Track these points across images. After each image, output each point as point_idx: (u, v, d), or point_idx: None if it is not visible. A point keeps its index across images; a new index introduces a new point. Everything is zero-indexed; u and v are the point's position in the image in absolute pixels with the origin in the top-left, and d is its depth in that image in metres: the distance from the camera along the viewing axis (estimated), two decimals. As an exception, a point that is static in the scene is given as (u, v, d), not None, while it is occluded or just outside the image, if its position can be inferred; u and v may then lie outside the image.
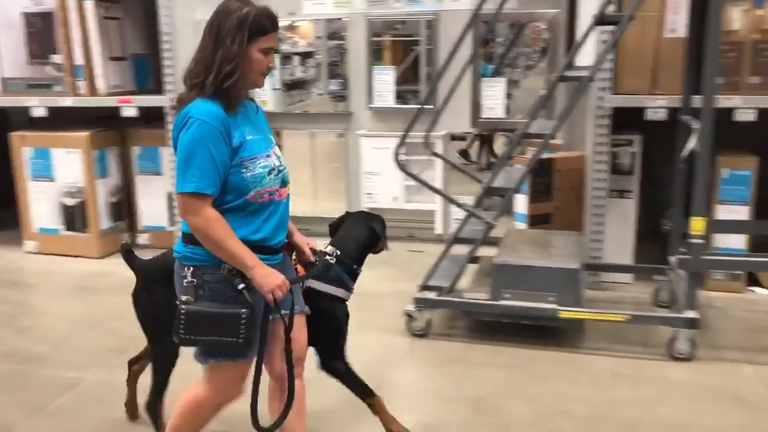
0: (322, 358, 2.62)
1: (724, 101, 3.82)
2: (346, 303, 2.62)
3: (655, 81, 4.16)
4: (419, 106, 4.25)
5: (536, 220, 4.83)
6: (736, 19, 4.03)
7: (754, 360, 3.46)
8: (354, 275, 2.64)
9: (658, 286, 4.18)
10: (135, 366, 2.94)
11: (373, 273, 4.84)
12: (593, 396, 3.16)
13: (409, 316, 3.81)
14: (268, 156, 2.15)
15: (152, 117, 5.23)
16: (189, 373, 2.35)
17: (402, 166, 4.30)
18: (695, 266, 3.45)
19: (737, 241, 4.38)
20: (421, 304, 3.78)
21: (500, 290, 3.60)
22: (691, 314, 3.42)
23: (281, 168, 2.19)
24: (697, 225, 3.36)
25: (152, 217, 5.50)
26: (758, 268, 4.23)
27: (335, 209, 5.85)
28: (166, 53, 4.95)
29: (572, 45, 4.69)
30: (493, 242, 4.02)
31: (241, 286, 2.09)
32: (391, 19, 5.45)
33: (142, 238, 5.52)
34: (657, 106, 4.06)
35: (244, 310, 2.09)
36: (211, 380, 2.25)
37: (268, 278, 2.08)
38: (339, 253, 2.57)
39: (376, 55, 5.50)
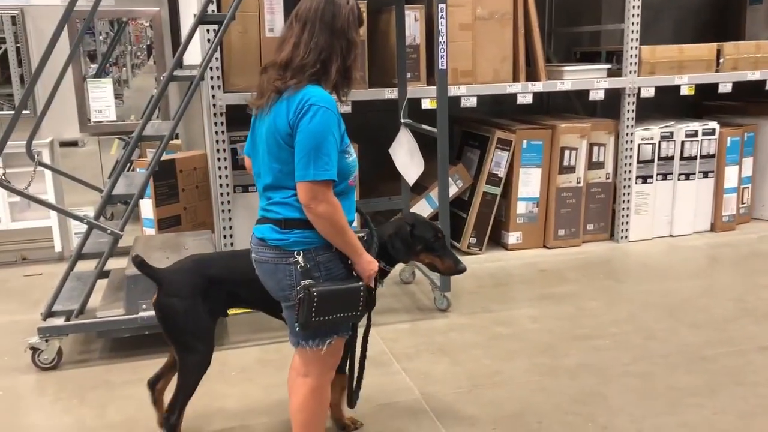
0: None
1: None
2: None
3: (263, 78, 4.37)
4: (14, 112, 3.77)
5: (165, 224, 4.73)
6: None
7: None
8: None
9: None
10: (158, 385, 2.75)
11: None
12: (244, 388, 3.24)
13: (34, 349, 3.40)
14: None
15: None
16: None
17: (1, 182, 3.77)
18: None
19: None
20: (47, 333, 3.39)
21: (136, 302, 3.42)
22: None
23: None
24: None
25: None
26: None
27: None
28: None
29: (179, 43, 4.66)
30: (123, 253, 3.81)
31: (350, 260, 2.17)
32: (-37, 13, 4.71)
33: None
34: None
35: (361, 283, 2.16)
36: (322, 361, 2.25)
37: (370, 265, 2.19)
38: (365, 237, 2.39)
39: (-51, 54, 4.71)
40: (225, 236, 4.34)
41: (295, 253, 2.13)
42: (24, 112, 3.50)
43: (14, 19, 4.74)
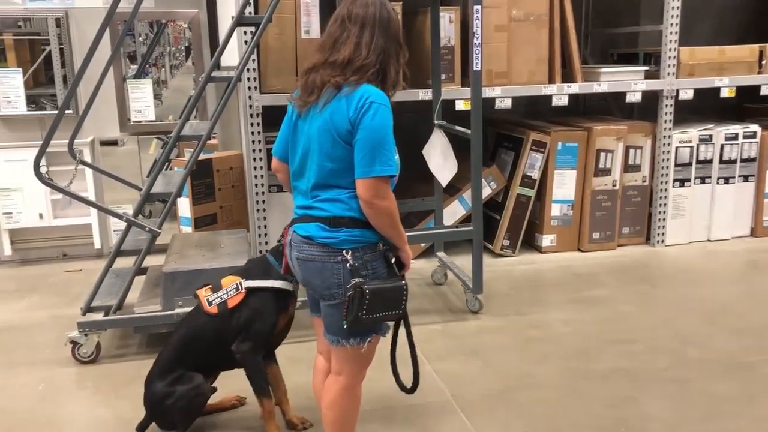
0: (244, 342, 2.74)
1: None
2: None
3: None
4: (58, 112, 3.87)
5: (202, 222, 4.80)
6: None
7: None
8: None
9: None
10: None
11: (20, 303, 4.35)
12: (276, 385, 3.27)
13: (74, 343, 3.49)
14: None
15: None
16: None
17: (44, 179, 3.88)
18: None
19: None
20: (87, 327, 3.48)
21: (173, 299, 3.49)
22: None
23: None
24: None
25: None
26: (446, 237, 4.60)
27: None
28: None
29: (216, 44, 4.73)
30: (161, 250, 3.88)
31: (393, 260, 2.23)
32: (9, 15, 4.85)
33: None
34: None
35: (404, 282, 2.19)
36: (359, 359, 2.29)
37: (410, 254, 2.29)
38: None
39: (-4, 55, 4.86)
40: (260, 235, 4.39)
41: (344, 251, 2.15)
42: (67, 111, 3.59)
43: (58, 22, 4.87)
